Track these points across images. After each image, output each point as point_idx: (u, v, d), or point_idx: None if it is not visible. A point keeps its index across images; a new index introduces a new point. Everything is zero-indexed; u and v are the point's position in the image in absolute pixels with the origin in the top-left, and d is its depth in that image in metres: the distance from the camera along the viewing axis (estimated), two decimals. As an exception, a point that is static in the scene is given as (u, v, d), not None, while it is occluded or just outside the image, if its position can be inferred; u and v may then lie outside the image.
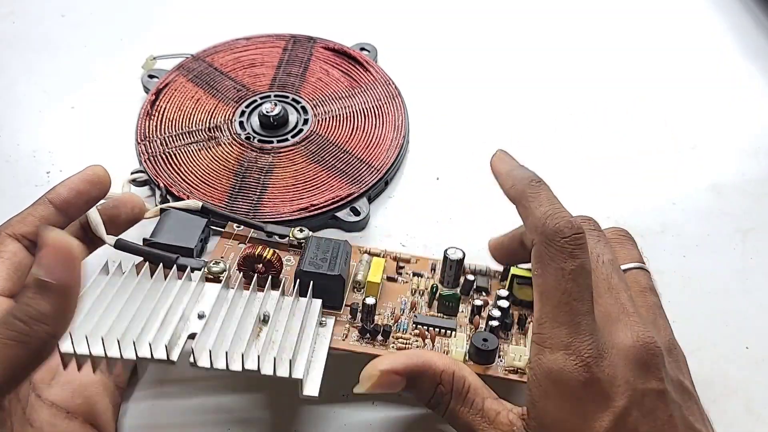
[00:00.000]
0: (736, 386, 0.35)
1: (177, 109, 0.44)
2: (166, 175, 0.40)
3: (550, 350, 0.25)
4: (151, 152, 0.41)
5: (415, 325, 0.32)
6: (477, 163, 0.43)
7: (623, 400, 0.25)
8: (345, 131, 0.43)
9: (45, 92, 0.47)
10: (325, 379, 0.29)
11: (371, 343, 0.31)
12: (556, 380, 0.25)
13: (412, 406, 0.34)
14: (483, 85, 0.48)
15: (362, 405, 0.34)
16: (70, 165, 0.43)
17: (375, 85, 0.46)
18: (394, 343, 0.31)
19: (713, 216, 0.41)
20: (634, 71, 0.49)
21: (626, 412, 0.25)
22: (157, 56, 0.46)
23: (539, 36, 0.52)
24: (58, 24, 0.51)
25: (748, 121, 0.46)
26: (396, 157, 0.42)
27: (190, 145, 0.42)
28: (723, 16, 0.53)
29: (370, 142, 0.43)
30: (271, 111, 0.42)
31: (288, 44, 0.48)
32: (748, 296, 0.38)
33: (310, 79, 0.46)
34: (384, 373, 0.28)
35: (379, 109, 0.45)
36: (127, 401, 0.33)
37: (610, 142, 0.45)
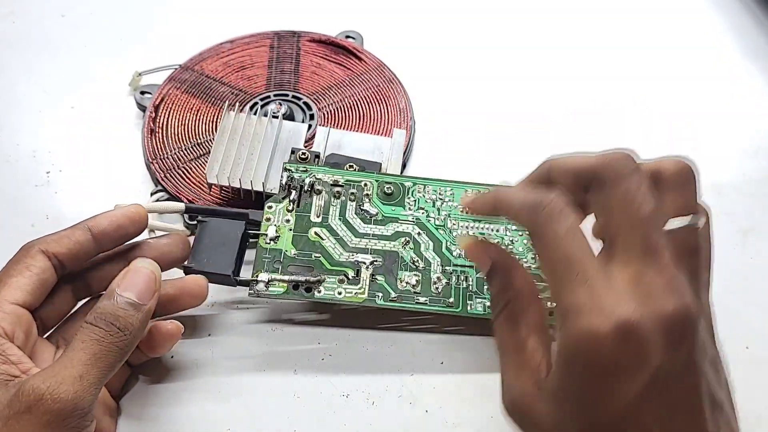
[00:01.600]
0: (736, 386, 0.35)
1: (180, 123, 0.44)
2: (189, 190, 0.40)
3: (574, 318, 0.24)
4: (167, 170, 0.41)
5: None
6: (484, 136, 0.44)
7: (653, 369, 0.23)
8: (352, 120, 0.44)
9: (45, 92, 0.47)
10: (325, 379, 0.29)
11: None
12: (585, 348, 0.23)
13: (412, 406, 0.34)
14: (479, 66, 0.49)
15: (362, 405, 0.34)
16: (70, 165, 0.43)
17: (369, 70, 0.46)
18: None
19: (713, 216, 0.41)
20: (635, 71, 0.49)
21: (655, 380, 0.23)
22: (143, 71, 0.46)
23: (534, 32, 0.52)
24: (58, 24, 0.51)
25: (748, 121, 0.46)
26: (408, 138, 0.43)
27: (204, 157, 0.42)
28: (723, 16, 0.53)
29: (380, 126, 0.43)
30: (278, 111, 0.42)
31: (273, 42, 0.48)
32: (748, 296, 0.38)
33: (305, 73, 0.46)
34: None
35: (380, 94, 0.45)
36: (124, 412, 0.33)
37: (610, 141, 0.45)
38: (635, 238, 0.25)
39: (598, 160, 0.26)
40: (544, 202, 0.26)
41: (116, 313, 0.29)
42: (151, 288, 0.30)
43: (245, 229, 0.35)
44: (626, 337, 0.23)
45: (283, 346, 0.35)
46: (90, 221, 0.32)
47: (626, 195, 0.25)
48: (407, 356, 0.35)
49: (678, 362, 0.24)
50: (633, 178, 0.25)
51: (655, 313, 0.23)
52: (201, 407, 0.33)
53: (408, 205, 0.37)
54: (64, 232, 0.32)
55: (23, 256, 0.31)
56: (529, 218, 0.26)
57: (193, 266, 0.34)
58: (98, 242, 0.32)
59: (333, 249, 0.35)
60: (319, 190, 0.36)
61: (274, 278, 0.34)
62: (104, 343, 0.28)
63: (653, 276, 0.24)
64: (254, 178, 0.38)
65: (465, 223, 0.36)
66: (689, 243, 0.26)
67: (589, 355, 0.23)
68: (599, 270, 0.24)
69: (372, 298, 0.34)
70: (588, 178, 0.26)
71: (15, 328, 0.29)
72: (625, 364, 0.23)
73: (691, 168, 0.27)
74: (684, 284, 0.24)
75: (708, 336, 0.26)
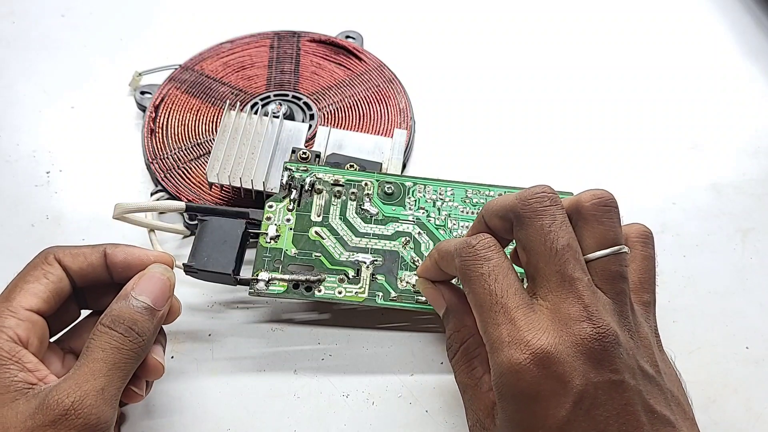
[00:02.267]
0: (736, 386, 0.35)
1: (180, 123, 0.43)
2: (189, 190, 0.40)
3: (497, 352, 0.26)
4: (167, 170, 0.41)
5: None
6: (484, 136, 0.45)
7: (576, 392, 0.25)
8: (352, 120, 0.44)
9: (45, 92, 0.47)
10: (325, 379, 0.29)
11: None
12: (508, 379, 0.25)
13: (412, 406, 0.34)
14: (479, 66, 0.49)
15: (362, 405, 0.34)
16: (70, 165, 0.43)
17: (369, 70, 0.47)
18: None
19: (713, 216, 0.41)
20: (635, 71, 0.49)
21: (581, 402, 0.25)
22: (143, 71, 0.46)
23: (534, 32, 0.52)
24: (57, 24, 0.51)
25: (748, 121, 0.46)
26: (408, 139, 0.43)
27: (204, 157, 0.42)
28: (723, 16, 0.53)
29: (380, 126, 0.43)
30: (278, 111, 0.42)
31: (273, 42, 0.48)
32: (748, 296, 0.38)
33: (305, 73, 0.46)
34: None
35: (380, 94, 0.45)
36: (125, 412, 0.33)
37: (610, 141, 0.45)
38: (551, 271, 0.26)
39: (516, 198, 0.28)
40: (471, 244, 0.28)
41: (134, 316, 0.28)
42: (165, 294, 0.30)
43: (245, 228, 0.35)
44: (544, 365, 0.25)
45: (283, 346, 0.35)
46: (110, 248, 0.31)
47: (541, 231, 0.27)
48: (407, 356, 0.35)
49: (602, 382, 0.25)
50: (547, 215, 0.27)
51: (571, 340, 0.25)
52: (201, 407, 0.33)
53: (408, 204, 0.37)
54: (83, 249, 0.31)
55: (41, 261, 0.30)
56: (459, 261, 0.28)
57: (193, 265, 0.34)
58: (109, 272, 0.31)
59: (333, 248, 0.35)
60: (319, 190, 0.36)
61: (275, 277, 0.34)
62: (123, 350, 0.28)
63: (569, 305, 0.26)
64: (255, 177, 0.38)
65: (465, 223, 0.36)
66: (611, 270, 0.27)
67: (513, 385, 0.25)
68: (520, 305, 0.26)
69: (372, 297, 0.34)
70: (510, 217, 0.28)
71: (30, 335, 0.28)
72: (547, 391, 0.25)
73: (609, 199, 0.28)
74: (601, 308, 0.26)
75: (641, 354, 0.27)
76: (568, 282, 0.26)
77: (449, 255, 0.29)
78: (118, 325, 0.28)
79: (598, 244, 0.27)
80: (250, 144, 0.39)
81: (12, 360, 0.27)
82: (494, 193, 0.37)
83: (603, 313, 0.26)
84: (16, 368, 0.27)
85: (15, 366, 0.27)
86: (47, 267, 0.30)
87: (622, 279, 0.27)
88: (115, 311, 0.28)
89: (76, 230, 0.40)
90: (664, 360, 0.29)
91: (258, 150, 0.39)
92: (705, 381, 0.35)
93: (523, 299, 0.26)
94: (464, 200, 0.37)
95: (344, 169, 0.37)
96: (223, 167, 0.38)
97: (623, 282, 0.27)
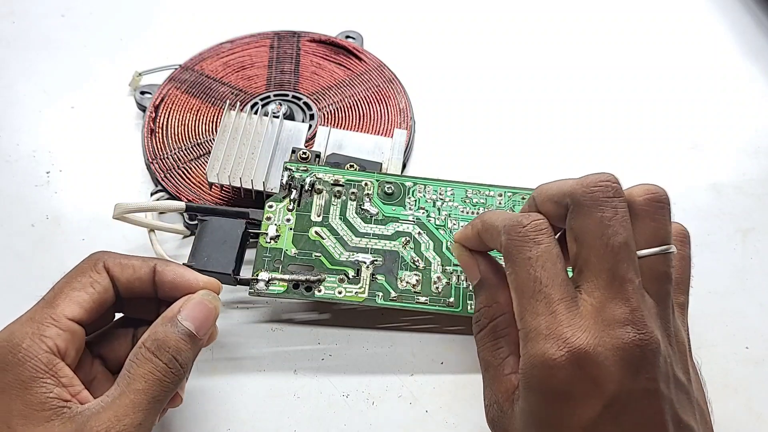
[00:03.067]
0: (736, 386, 0.35)
1: (180, 123, 0.43)
2: (189, 190, 0.40)
3: (532, 342, 0.25)
4: (167, 170, 0.41)
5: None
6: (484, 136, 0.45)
7: (608, 397, 0.24)
8: (352, 120, 0.44)
9: (45, 92, 0.47)
10: (325, 379, 0.29)
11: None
12: (539, 372, 0.24)
13: (412, 406, 0.34)
14: (479, 66, 0.49)
15: (362, 405, 0.34)
16: (70, 165, 0.43)
17: (369, 70, 0.47)
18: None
19: (713, 216, 0.41)
20: (635, 71, 0.49)
21: (611, 406, 0.24)
22: (143, 71, 0.46)
23: (534, 32, 0.52)
24: (57, 24, 0.51)
25: (748, 121, 0.46)
26: (408, 139, 0.43)
27: (204, 157, 0.42)
28: (723, 16, 0.53)
29: (380, 126, 0.43)
30: (278, 111, 0.42)
31: (273, 42, 0.48)
32: (748, 296, 0.38)
33: (305, 73, 0.46)
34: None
35: (380, 94, 0.45)
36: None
37: (610, 141, 0.45)
38: (603, 268, 0.25)
39: (577, 184, 0.26)
40: (523, 223, 0.26)
41: (178, 345, 0.27)
42: (209, 323, 0.29)
43: (245, 228, 0.35)
44: (580, 365, 0.24)
45: (283, 346, 0.35)
46: (161, 265, 0.30)
47: (600, 224, 0.25)
48: (407, 356, 0.35)
49: (636, 389, 0.24)
50: (608, 206, 0.26)
51: (612, 344, 0.24)
52: (201, 407, 0.33)
53: (408, 204, 0.37)
54: (133, 261, 0.30)
55: (90, 268, 0.29)
56: (506, 239, 0.26)
57: (193, 265, 0.34)
58: (155, 287, 0.30)
59: (333, 248, 0.35)
60: (319, 190, 0.36)
61: (275, 277, 0.34)
62: (165, 383, 0.27)
63: (616, 307, 0.24)
64: (255, 177, 0.38)
65: (465, 223, 0.36)
66: (659, 270, 0.26)
67: (544, 380, 0.24)
68: (564, 298, 0.25)
69: (372, 297, 0.34)
70: (567, 203, 0.26)
71: (69, 346, 0.27)
72: (579, 391, 0.24)
73: (663, 195, 0.27)
74: (646, 315, 0.25)
75: (677, 361, 0.26)
76: (619, 282, 0.25)
77: (495, 229, 0.28)
78: (162, 353, 0.27)
79: (648, 242, 0.26)
80: (250, 144, 0.39)
81: (49, 373, 0.26)
82: (494, 193, 0.37)
83: (648, 318, 0.25)
84: (52, 383, 0.26)
85: (51, 380, 0.26)
86: (95, 275, 0.29)
87: (668, 280, 0.26)
88: (160, 335, 0.27)
89: (76, 230, 0.40)
90: (693, 366, 0.28)
91: (258, 150, 0.39)
92: (705, 381, 0.34)
93: (568, 292, 0.25)
94: (464, 200, 0.37)
95: (344, 169, 0.37)
96: (223, 167, 0.38)
97: (669, 283, 0.26)
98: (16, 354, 0.26)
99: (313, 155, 0.38)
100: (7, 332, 0.27)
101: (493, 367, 0.28)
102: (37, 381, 0.26)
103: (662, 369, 0.25)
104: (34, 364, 0.26)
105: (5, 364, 0.26)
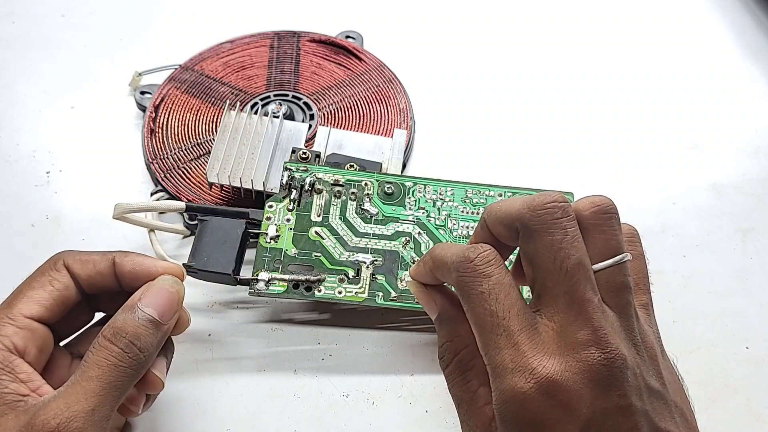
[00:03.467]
0: (736, 386, 0.35)
1: (180, 123, 0.43)
2: (189, 190, 0.40)
3: (500, 378, 0.24)
4: (167, 170, 0.41)
5: None
6: (484, 136, 0.45)
7: (582, 420, 0.24)
8: (352, 120, 0.44)
9: (45, 92, 0.47)
10: (325, 379, 0.29)
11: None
12: (511, 407, 0.24)
13: (412, 406, 0.34)
14: (479, 66, 0.49)
15: (362, 405, 0.34)
16: (70, 165, 0.43)
17: (369, 70, 0.47)
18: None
19: (713, 216, 0.41)
20: (635, 71, 0.49)
21: (587, 429, 0.24)
22: (143, 71, 0.46)
23: (534, 32, 0.52)
24: (57, 24, 0.51)
25: (748, 121, 0.46)
26: (408, 139, 0.43)
27: (204, 157, 0.42)
28: (723, 16, 0.53)
29: (380, 126, 0.43)
30: (278, 111, 0.42)
31: (273, 42, 0.48)
32: (748, 296, 0.38)
33: (305, 74, 0.46)
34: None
35: (380, 94, 0.45)
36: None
37: (610, 141, 0.45)
38: (560, 292, 0.25)
39: (524, 207, 0.26)
40: (470, 258, 0.26)
41: (137, 330, 0.27)
42: (173, 308, 0.29)
43: (245, 228, 0.35)
44: (550, 394, 0.24)
45: (283, 346, 0.35)
46: (119, 257, 0.30)
47: (551, 248, 0.25)
48: (407, 356, 0.35)
49: (609, 408, 0.24)
50: (558, 228, 0.25)
51: (579, 367, 0.24)
52: (200, 407, 0.33)
53: (408, 204, 0.37)
54: (93, 255, 0.30)
55: (49, 267, 0.29)
56: (456, 276, 0.26)
57: (193, 265, 0.34)
58: (118, 280, 0.30)
59: (333, 248, 0.35)
60: (319, 190, 0.36)
61: (275, 277, 0.34)
62: (121, 367, 0.27)
63: (577, 329, 0.24)
64: (255, 177, 0.38)
65: (465, 223, 0.36)
66: (616, 281, 0.26)
67: (518, 413, 0.24)
68: (523, 328, 0.25)
69: (372, 297, 0.34)
70: (516, 227, 0.26)
71: (28, 344, 0.28)
72: (553, 419, 0.24)
73: (609, 206, 0.26)
74: (609, 332, 0.24)
75: (647, 369, 0.26)
76: (578, 304, 0.24)
77: (445, 266, 0.27)
78: (119, 339, 0.27)
79: (601, 254, 0.26)
80: (250, 144, 0.39)
81: (5, 370, 0.26)
82: (494, 193, 0.37)
83: (611, 335, 0.24)
84: (8, 379, 0.26)
85: (7, 377, 0.26)
86: (54, 274, 0.29)
87: (626, 290, 0.26)
88: (118, 323, 0.27)
89: (76, 230, 0.40)
90: (668, 367, 0.28)
91: (258, 150, 0.39)
92: (705, 381, 0.35)
93: (526, 320, 0.25)
94: (464, 200, 0.37)
95: (344, 169, 0.37)
96: (223, 167, 0.38)
97: (628, 293, 0.26)
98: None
99: (313, 155, 0.38)
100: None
101: (466, 402, 0.27)
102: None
103: (632, 383, 0.24)
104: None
105: None
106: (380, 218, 0.36)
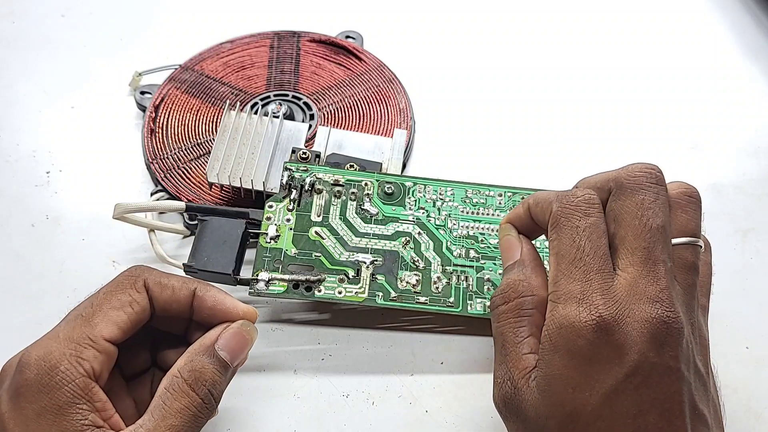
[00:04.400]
0: (736, 386, 0.35)
1: (180, 123, 0.43)
2: (189, 190, 0.40)
3: (563, 304, 0.25)
4: (167, 170, 0.41)
5: None
6: (484, 136, 0.44)
7: (631, 365, 0.24)
8: (352, 120, 0.44)
9: (45, 92, 0.47)
10: (325, 379, 0.29)
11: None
12: (567, 333, 0.25)
13: (412, 406, 0.34)
14: (479, 66, 0.49)
15: (362, 405, 0.34)
16: (70, 165, 0.43)
17: (369, 70, 0.47)
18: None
19: (713, 216, 0.41)
20: (635, 71, 0.49)
21: (633, 376, 0.24)
22: (143, 71, 0.46)
23: (534, 32, 0.52)
24: (57, 24, 0.51)
25: (748, 121, 0.46)
26: (408, 139, 0.43)
27: (204, 157, 0.42)
28: (723, 16, 0.53)
29: (380, 126, 0.43)
30: (278, 111, 0.42)
31: (273, 42, 0.48)
32: (748, 296, 0.38)
33: (305, 73, 0.46)
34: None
35: (380, 94, 0.45)
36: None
37: (610, 141, 0.45)
38: (639, 246, 0.26)
39: (622, 170, 0.28)
40: (576, 194, 0.27)
41: (214, 378, 0.27)
42: (243, 355, 0.29)
43: (245, 228, 0.35)
44: (608, 332, 0.24)
45: (283, 346, 0.35)
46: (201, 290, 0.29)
47: (640, 206, 0.26)
48: (407, 356, 0.35)
49: (659, 364, 0.25)
50: (650, 191, 0.27)
51: (641, 316, 0.25)
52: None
53: (408, 204, 0.37)
54: (173, 281, 0.29)
55: (130, 286, 0.28)
56: (557, 206, 0.27)
57: (193, 265, 0.34)
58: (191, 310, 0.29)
59: (333, 248, 0.35)
60: (319, 190, 0.36)
61: (275, 277, 0.34)
62: (200, 419, 0.27)
63: (648, 284, 0.25)
64: (255, 177, 0.38)
65: (465, 223, 0.36)
66: (687, 260, 0.27)
67: (571, 340, 0.25)
68: (602, 269, 0.26)
69: (372, 297, 0.34)
70: (611, 187, 0.27)
71: (103, 369, 0.27)
72: (604, 356, 0.25)
73: (696, 193, 0.29)
74: (674, 296, 0.26)
75: (698, 352, 0.27)
76: (653, 261, 0.26)
77: (546, 201, 0.28)
78: (200, 387, 0.27)
79: (679, 231, 0.27)
80: (250, 144, 0.39)
81: (85, 398, 0.26)
82: (494, 193, 0.37)
83: (676, 300, 0.25)
84: (88, 408, 0.26)
85: (87, 405, 0.26)
86: (135, 294, 0.28)
87: (695, 271, 0.27)
88: (197, 365, 0.27)
89: (76, 230, 0.40)
90: (711, 368, 0.28)
91: (258, 150, 0.39)
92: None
93: (606, 265, 0.26)
94: (464, 200, 0.37)
95: (344, 169, 0.37)
96: (223, 167, 0.38)
97: (695, 274, 0.27)
98: (53, 377, 0.25)
99: (313, 155, 0.38)
100: (43, 350, 0.26)
101: (512, 344, 0.27)
102: (74, 407, 0.25)
103: (685, 351, 0.25)
104: (71, 389, 0.25)
105: (42, 386, 0.25)
106: (380, 218, 0.36)
